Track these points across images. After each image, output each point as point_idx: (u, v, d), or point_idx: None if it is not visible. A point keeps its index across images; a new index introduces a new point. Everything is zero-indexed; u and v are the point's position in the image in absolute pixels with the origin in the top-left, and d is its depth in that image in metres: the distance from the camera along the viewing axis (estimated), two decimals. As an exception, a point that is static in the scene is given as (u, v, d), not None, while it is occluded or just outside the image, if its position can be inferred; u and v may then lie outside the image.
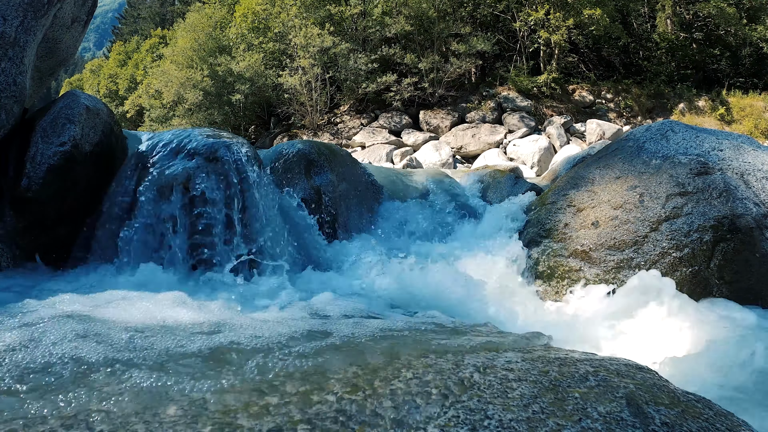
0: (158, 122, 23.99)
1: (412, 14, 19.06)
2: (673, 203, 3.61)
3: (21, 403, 1.43)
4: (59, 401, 1.43)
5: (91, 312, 2.35)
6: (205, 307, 2.57)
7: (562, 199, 4.13)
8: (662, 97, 19.47)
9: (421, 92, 18.95)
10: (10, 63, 3.25)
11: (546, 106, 18.87)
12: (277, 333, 2.09)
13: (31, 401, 1.44)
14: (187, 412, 1.34)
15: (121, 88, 33.07)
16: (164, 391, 1.49)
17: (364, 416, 1.27)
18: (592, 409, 1.31)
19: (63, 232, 3.54)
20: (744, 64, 20.58)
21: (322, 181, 4.46)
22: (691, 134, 4.01)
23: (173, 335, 2.03)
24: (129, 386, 1.52)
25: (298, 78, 18.82)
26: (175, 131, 4.03)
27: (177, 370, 1.67)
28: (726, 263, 3.41)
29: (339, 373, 1.56)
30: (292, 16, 19.45)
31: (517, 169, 6.04)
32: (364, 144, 17.82)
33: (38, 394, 1.48)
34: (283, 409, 1.32)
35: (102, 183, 3.68)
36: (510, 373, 1.50)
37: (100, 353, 1.80)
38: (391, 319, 2.56)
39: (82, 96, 3.72)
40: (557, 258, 3.85)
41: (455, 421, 1.23)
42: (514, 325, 3.01)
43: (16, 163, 3.39)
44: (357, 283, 3.68)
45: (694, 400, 1.47)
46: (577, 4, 18.13)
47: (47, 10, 3.50)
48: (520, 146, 15.96)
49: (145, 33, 37.72)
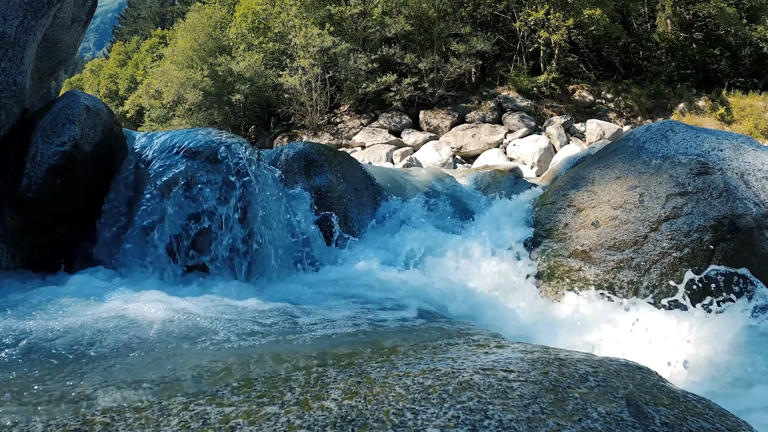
0: (158, 122, 24.01)
1: (412, 14, 19.08)
2: (673, 203, 3.61)
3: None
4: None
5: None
6: (201, 306, 2.57)
7: (562, 199, 4.13)
8: (662, 97, 19.48)
9: (421, 92, 18.96)
10: (10, 63, 3.25)
11: (546, 106, 18.88)
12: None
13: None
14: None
15: (121, 88, 33.08)
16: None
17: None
18: (592, 410, 1.31)
19: (63, 233, 3.53)
20: (744, 64, 20.60)
21: (322, 181, 4.46)
22: (691, 134, 4.01)
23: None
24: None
25: (298, 78, 18.83)
26: (174, 131, 4.03)
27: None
28: (726, 263, 3.41)
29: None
30: (292, 16, 19.46)
31: (517, 169, 6.04)
32: (364, 144, 17.83)
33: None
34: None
35: (102, 183, 3.68)
36: (510, 374, 1.50)
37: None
38: (390, 318, 2.56)
39: (82, 96, 3.72)
40: (557, 258, 3.85)
41: (455, 422, 1.23)
42: (513, 325, 3.01)
43: (16, 163, 3.39)
44: (357, 282, 3.68)
45: (694, 401, 1.47)
46: (577, 4, 18.14)
47: (47, 10, 3.50)
48: (520, 146, 15.97)
49: (145, 33, 37.73)
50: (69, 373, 1.74)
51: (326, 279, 3.78)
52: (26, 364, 1.85)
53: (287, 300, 3.01)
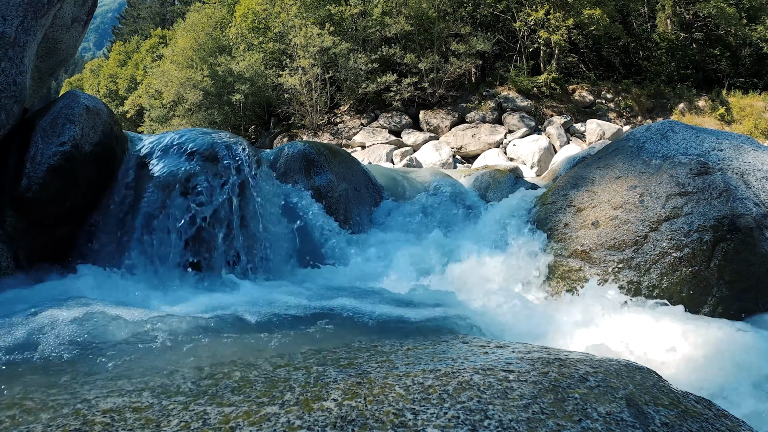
0: (158, 122, 23.99)
1: (412, 14, 19.07)
2: (673, 203, 3.61)
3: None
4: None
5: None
6: (200, 306, 2.57)
7: (562, 199, 4.13)
8: (662, 97, 19.47)
9: (421, 92, 18.95)
10: (10, 63, 3.25)
11: (546, 106, 18.87)
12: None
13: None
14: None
15: (121, 88, 33.07)
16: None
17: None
18: (592, 410, 1.31)
19: (63, 233, 3.53)
20: (744, 64, 20.59)
21: (322, 181, 4.46)
22: (691, 134, 4.01)
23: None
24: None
25: (298, 78, 18.82)
26: (174, 131, 4.03)
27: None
28: (726, 263, 3.41)
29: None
30: (292, 16, 19.46)
31: (517, 169, 6.04)
32: (364, 144, 17.82)
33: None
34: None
35: (102, 183, 3.68)
36: (510, 374, 1.50)
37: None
38: (390, 318, 2.56)
39: (82, 96, 3.72)
40: (557, 258, 3.84)
41: (455, 422, 1.23)
42: (513, 326, 3.00)
43: (16, 163, 3.39)
44: (357, 281, 3.68)
45: (694, 401, 1.47)
46: (577, 4, 18.13)
47: (47, 10, 3.50)
48: (520, 146, 15.96)
49: (145, 33, 37.71)
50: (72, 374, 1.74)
51: (326, 278, 3.78)
52: (30, 362, 1.85)
53: (287, 298, 3.00)
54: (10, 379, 1.71)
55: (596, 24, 18.05)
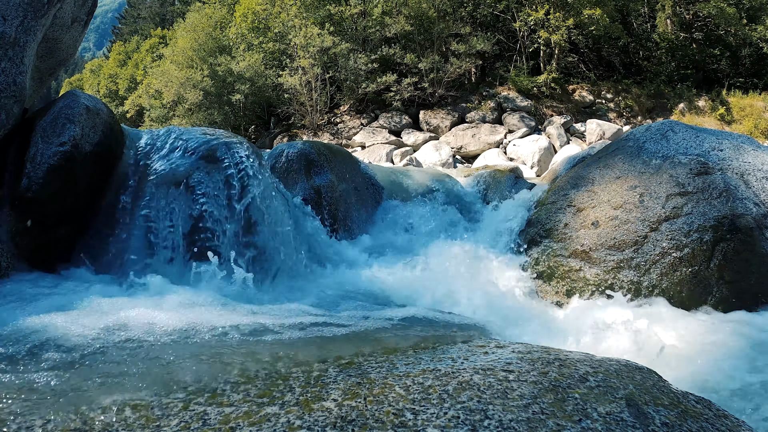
0: (158, 122, 23.99)
1: (412, 14, 19.06)
2: (673, 203, 3.61)
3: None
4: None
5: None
6: (201, 306, 2.57)
7: (562, 199, 4.13)
8: (662, 97, 19.47)
9: (421, 92, 18.95)
10: (10, 63, 3.25)
11: (546, 106, 18.87)
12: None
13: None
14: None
15: (121, 88, 33.07)
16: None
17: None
18: (592, 410, 1.31)
19: (63, 233, 3.53)
20: (744, 64, 20.59)
21: (322, 181, 4.46)
22: (691, 134, 4.01)
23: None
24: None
25: (298, 78, 18.82)
26: (176, 127, 4.02)
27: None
28: (726, 263, 3.41)
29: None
30: (292, 16, 19.46)
31: (517, 169, 6.03)
32: (364, 144, 17.82)
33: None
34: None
35: (102, 183, 3.68)
36: (510, 374, 1.50)
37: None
38: (390, 318, 2.56)
39: (82, 96, 3.72)
40: (557, 258, 3.85)
41: (455, 422, 1.23)
42: (513, 326, 3.01)
43: (16, 163, 3.39)
44: (357, 281, 3.68)
45: (694, 401, 1.47)
46: (577, 4, 18.13)
47: (47, 10, 3.50)
48: (520, 146, 15.96)
49: (145, 33, 37.71)
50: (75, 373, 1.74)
51: (327, 278, 3.78)
52: (33, 361, 1.85)
53: (287, 298, 3.01)
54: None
55: (596, 24, 18.05)
